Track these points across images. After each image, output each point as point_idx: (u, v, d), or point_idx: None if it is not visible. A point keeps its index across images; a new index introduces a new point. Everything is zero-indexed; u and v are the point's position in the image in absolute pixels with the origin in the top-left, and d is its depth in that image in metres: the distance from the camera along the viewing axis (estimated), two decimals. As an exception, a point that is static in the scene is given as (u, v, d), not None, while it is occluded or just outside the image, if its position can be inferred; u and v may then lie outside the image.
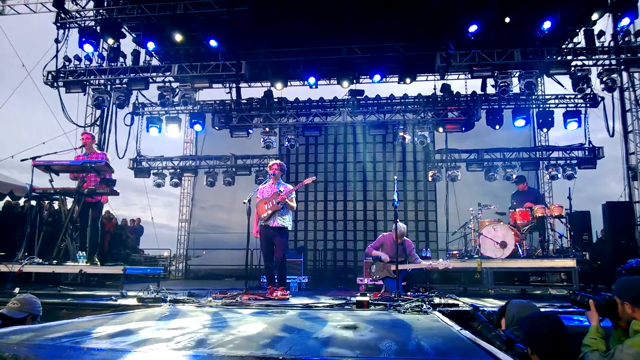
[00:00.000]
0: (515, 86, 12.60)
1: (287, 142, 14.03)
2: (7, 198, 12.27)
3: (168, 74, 12.45)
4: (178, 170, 15.42)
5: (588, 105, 13.51)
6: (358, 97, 13.71)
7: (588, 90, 12.21)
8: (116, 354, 2.56)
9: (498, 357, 2.43)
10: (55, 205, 9.43)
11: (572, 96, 13.67)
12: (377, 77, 12.43)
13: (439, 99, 13.50)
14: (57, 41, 12.10)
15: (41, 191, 7.57)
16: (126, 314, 4.77)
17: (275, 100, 13.99)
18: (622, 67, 11.59)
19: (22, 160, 7.41)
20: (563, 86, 12.98)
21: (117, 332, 3.34)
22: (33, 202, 7.95)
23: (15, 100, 12.53)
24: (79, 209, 7.63)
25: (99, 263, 7.80)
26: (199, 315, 4.50)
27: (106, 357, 2.49)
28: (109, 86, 12.82)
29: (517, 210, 8.65)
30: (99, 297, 6.21)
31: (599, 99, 12.99)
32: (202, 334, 3.24)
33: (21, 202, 12.38)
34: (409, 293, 6.70)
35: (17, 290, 6.12)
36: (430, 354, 2.64)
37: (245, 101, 14.18)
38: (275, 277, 6.80)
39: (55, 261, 7.22)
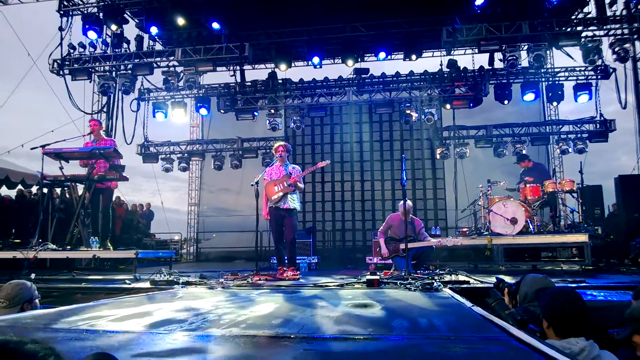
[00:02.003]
0: (524, 59, 12.37)
1: (292, 124, 13.97)
2: (20, 186, 12.42)
3: (172, 58, 12.37)
4: (185, 154, 15.44)
5: (599, 77, 13.26)
6: (363, 76, 13.57)
7: (599, 62, 11.86)
8: (132, 336, 2.59)
9: (511, 332, 2.42)
10: (67, 192, 9.55)
11: (583, 68, 13.40)
12: (382, 55, 12.27)
13: (445, 75, 13.32)
14: (60, 29, 12.07)
15: (52, 178, 7.66)
16: (140, 296, 4.82)
17: (280, 81, 13.88)
18: (635, 36, 11.31)
19: (32, 149, 7.47)
20: (573, 58, 12.70)
21: (132, 315, 3.38)
22: (45, 190, 8.04)
23: (23, 89, 12.54)
24: (90, 195, 7.70)
25: (111, 248, 7.91)
26: (211, 297, 4.54)
27: (122, 339, 2.51)
28: (114, 72, 12.80)
29: (528, 185, 8.57)
30: (112, 281, 6.29)
31: (611, 70, 12.73)
32: (215, 315, 3.27)
33: (33, 190, 12.52)
34: (418, 271, 6.71)
35: (33, 275, 6.22)
36: (442, 330, 2.64)
37: (249, 83, 14.10)
38: (285, 257, 6.85)
39: (68, 247, 7.33)
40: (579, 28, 11.29)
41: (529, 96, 13.09)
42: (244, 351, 2.24)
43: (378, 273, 6.44)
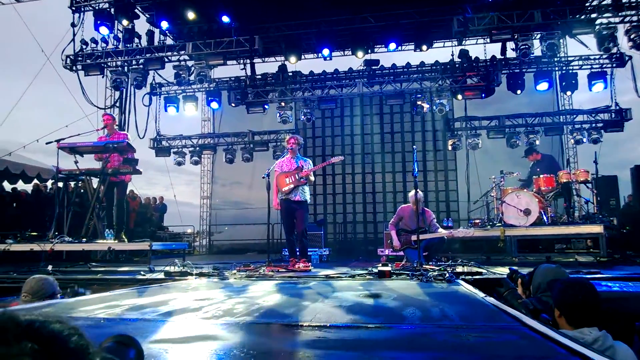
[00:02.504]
0: (537, 48, 12.18)
1: (303, 116, 13.97)
2: (35, 181, 12.61)
3: (183, 52, 12.44)
4: (197, 148, 15.54)
5: (614, 65, 13.00)
6: (373, 67, 13.48)
7: (614, 50, 11.60)
8: (148, 324, 2.64)
9: (524, 321, 2.43)
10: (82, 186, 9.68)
11: (597, 56, 13.13)
12: (392, 46, 12.19)
13: (457, 66, 13.19)
14: (73, 25, 12.18)
15: (67, 172, 7.74)
16: (155, 287, 4.90)
17: (290, 74, 13.87)
18: (652, 22, 11.08)
19: (47, 143, 7.57)
20: (587, 46, 12.45)
21: (148, 304, 3.44)
22: (60, 184, 8.15)
23: (37, 85, 12.68)
24: (105, 189, 7.80)
25: (126, 240, 8.01)
26: (225, 287, 4.59)
27: (139, 327, 2.56)
28: (126, 67, 12.89)
29: (541, 176, 8.48)
30: (127, 272, 6.38)
31: (626, 58, 12.45)
32: (229, 305, 3.31)
33: (49, 184, 12.71)
34: (430, 263, 6.70)
35: (50, 267, 6.33)
36: (454, 320, 2.65)
37: (260, 77, 14.11)
38: (297, 249, 6.89)
39: (84, 239, 7.43)
40: (593, 15, 11.10)
41: (543, 85, 12.91)
42: (257, 338, 2.27)
43: (390, 265, 6.45)
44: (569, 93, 13.65)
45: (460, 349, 1.97)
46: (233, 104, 14.16)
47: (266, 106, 14.09)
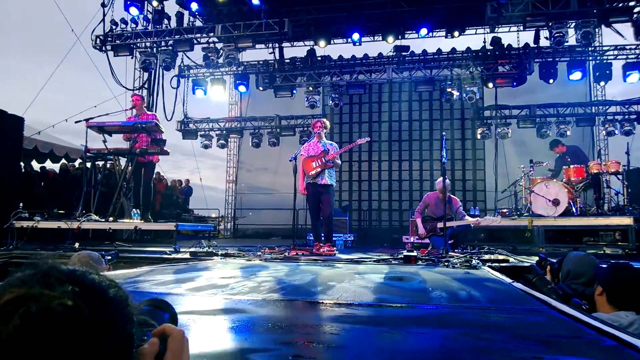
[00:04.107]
0: (571, 37, 11.80)
1: (331, 101, 13.89)
2: (63, 160, 12.90)
3: (212, 34, 12.45)
4: (224, 131, 15.63)
5: (651, 55, 12.55)
6: (403, 54, 13.28)
7: (652, 40, 11.23)
8: (176, 298, 2.68)
9: (552, 304, 2.37)
10: (109, 166, 9.86)
11: (633, 47, 12.69)
12: (423, 31, 11.97)
13: (489, 53, 12.87)
14: (103, 5, 12.28)
15: (96, 151, 7.85)
16: (181, 265, 4.98)
17: (319, 58, 13.78)
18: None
19: (76, 122, 7.71)
20: (623, 36, 12.04)
21: (175, 280, 3.50)
22: (88, 164, 8.30)
23: (66, 66, 12.90)
24: (132, 169, 7.90)
25: (152, 220, 8.13)
26: (250, 267, 4.63)
27: (167, 300, 2.60)
28: (155, 49, 12.98)
29: (572, 166, 8.29)
30: (153, 252, 6.50)
31: (664, 48, 12.01)
32: (255, 283, 3.34)
33: (76, 164, 13.00)
34: (456, 251, 6.63)
35: (77, 245, 6.48)
36: (481, 301, 2.61)
37: (288, 61, 14.06)
38: (322, 234, 6.90)
39: (111, 218, 7.56)
40: (632, 3, 10.67)
41: (576, 75, 12.52)
42: (284, 313, 2.28)
43: (415, 251, 6.41)
44: (602, 83, 13.23)
45: (489, 327, 1.94)
46: (261, 88, 14.17)
47: (294, 90, 14.06)
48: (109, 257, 3.90)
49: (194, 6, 11.81)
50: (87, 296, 0.60)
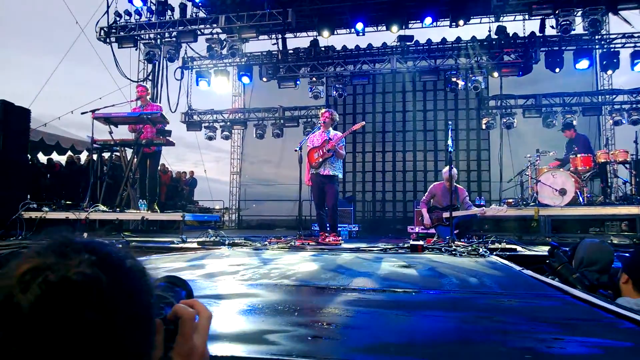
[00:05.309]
0: (578, 25, 11.68)
1: (335, 92, 13.83)
2: (69, 152, 12.92)
3: (215, 25, 12.38)
4: (228, 123, 15.62)
5: (660, 43, 12.42)
6: (408, 43, 13.20)
7: (662, 27, 11.12)
8: (190, 283, 2.68)
9: (566, 290, 2.37)
10: (114, 158, 9.87)
11: (641, 34, 12.57)
12: (428, 20, 11.89)
13: (494, 42, 12.77)
14: (107, -4, 12.26)
15: (102, 143, 7.86)
16: (190, 253, 4.99)
17: (322, 49, 13.71)
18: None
19: (82, 113, 7.70)
20: (631, 24, 11.89)
21: (185, 267, 3.51)
22: (94, 156, 8.32)
23: (70, 59, 12.88)
24: (138, 160, 7.92)
25: (158, 211, 8.15)
26: (258, 256, 4.64)
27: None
28: (159, 40, 12.95)
29: (579, 155, 8.25)
30: (160, 242, 6.52)
31: (674, 36, 11.87)
32: (265, 270, 3.35)
33: (82, 156, 13.02)
34: (462, 240, 6.62)
35: (85, 235, 6.48)
36: (493, 288, 2.61)
37: (291, 51, 13.99)
38: (327, 224, 6.90)
39: (118, 209, 7.59)
40: (641, -10, 10.54)
41: (583, 64, 12.40)
42: (297, 297, 2.29)
43: (421, 241, 6.40)
44: (609, 72, 13.12)
45: (504, 311, 1.94)
46: (265, 79, 14.12)
47: (298, 81, 14.01)
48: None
49: (197, -4, 11.76)
50: (105, 265, 0.59)
